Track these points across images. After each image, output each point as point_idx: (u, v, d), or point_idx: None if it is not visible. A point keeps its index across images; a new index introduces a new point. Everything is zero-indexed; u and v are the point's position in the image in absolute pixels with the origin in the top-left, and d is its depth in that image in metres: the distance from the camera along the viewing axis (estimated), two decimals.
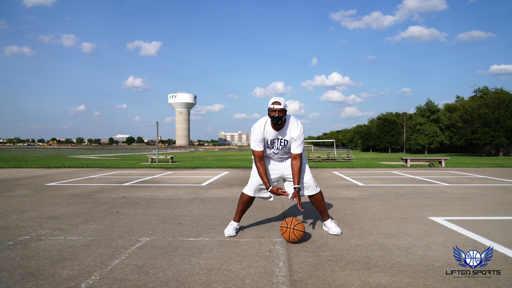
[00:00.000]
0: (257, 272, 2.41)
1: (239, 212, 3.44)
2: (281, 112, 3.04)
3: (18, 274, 2.39)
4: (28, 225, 3.81)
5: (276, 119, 3.04)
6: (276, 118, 3.04)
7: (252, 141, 3.23)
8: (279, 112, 3.03)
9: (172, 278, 2.32)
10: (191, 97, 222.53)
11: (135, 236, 3.32)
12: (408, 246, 3.00)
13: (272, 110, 3.04)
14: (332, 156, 23.61)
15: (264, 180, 3.16)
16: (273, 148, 3.26)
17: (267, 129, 3.17)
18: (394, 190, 6.61)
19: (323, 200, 3.44)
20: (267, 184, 3.15)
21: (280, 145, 3.23)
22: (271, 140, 3.21)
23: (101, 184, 7.72)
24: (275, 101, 3.04)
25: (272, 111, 3.04)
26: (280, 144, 3.23)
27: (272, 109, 3.04)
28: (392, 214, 4.37)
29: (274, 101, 3.04)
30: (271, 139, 3.20)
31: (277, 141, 3.21)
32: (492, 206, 4.90)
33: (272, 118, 3.06)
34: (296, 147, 3.20)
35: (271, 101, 3.06)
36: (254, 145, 3.21)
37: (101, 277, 2.32)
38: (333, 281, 2.27)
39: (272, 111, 3.04)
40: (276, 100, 3.04)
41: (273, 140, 3.21)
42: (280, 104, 3.03)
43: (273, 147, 3.26)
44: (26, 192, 6.42)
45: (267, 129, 3.17)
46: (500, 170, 12.06)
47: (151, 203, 5.22)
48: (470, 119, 40.15)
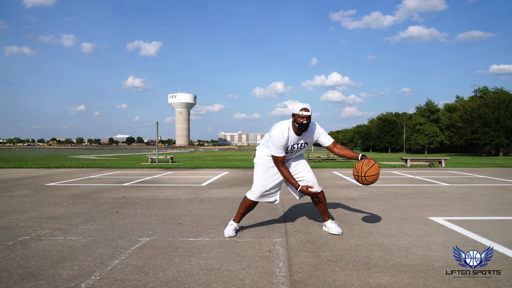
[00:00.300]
0: (257, 272, 2.41)
1: (240, 214, 3.43)
2: (309, 119, 3.06)
3: (18, 274, 2.39)
4: (28, 225, 3.81)
5: (305, 125, 3.05)
6: (305, 125, 3.05)
7: (274, 147, 3.12)
8: (307, 118, 3.04)
9: (172, 278, 2.32)
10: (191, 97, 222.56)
11: (135, 236, 3.32)
12: (408, 246, 3.00)
13: (300, 116, 3.03)
14: (332, 156, 23.61)
15: (292, 181, 3.17)
16: (292, 152, 3.27)
17: (290, 135, 3.15)
18: (394, 190, 6.61)
19: (325, 200, 3.44)
20: (297, 184, 3.17)
21: (299, 149, 3.26)
22: (292, 146, 3.20)
23: (101, 184, 7.72)
24: (304, 107, 3.03)
25: (301, 117, 3.03)
26: (299, 147, 3.25)
27: (300, 115, 3.03)
28: (392, 214, 4.37)
29: (303, 108, 3.02)
30: (292, 144, 3.19)
31: (297, 145, 3.22)
32: (492, 206, 4.90)
33: (300, 125, 3.05)
34: (326, 140, 3.26)
35: (299, 108, 3.04)
36: (276, 151, 3.12)
37: (101, 277, 2.32)
38: (333, 281, 2.27)
39: (301, 117, 3.03)
40: (304, 106, 3.03)
41: (293, 146, 3.21)
42: (309, 110, 3.04)
43: (292, 151, 3.26)
44: (26, 192, 6.41)
45: (290, 135, 3.15)
46: (500, 170, 12.06)
47: (151, 203, 5.22)
48: (470, 119, 40.15)
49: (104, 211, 4.56)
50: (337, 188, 6.99)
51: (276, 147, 3.11)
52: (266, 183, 3.30)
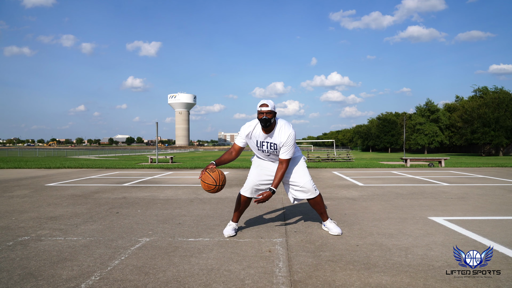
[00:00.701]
0: (257, 273, 2.41)
1: (237, 212, 3.45)
2: (269, 114, 3.04)
3: (18, 274, 2.39)
4: (28, 225, 3.81)
5: (264, 121, 3.05)
6: (264, 120, 3.04)
7: (237, 136, 3.30)
8: (267, 114, 3.04)
9: (172, 278, 2.32)
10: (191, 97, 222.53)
11: (135, 237, 3.32)
12: (408, 246, 3.00)
13: (260, 112, 3.05)
14: (332, 156, 23.61)
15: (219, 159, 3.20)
16: (263, 150, 3.28)
17: (257, 131, 3.19)
18: (394, 190, 6.62)
19: (322, 202, 3.44)
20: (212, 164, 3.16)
21: (269, 148, 3.24)
22: (260, 142, 3.23)
23: (101, 184, 7.72)
24: (263, 103, 3.05)
25: (260, 113, 3.05)
26: (269, 147, 3.23)
27: (260, 111, 3.05)
28: (392, 214, 4.37)
29: (262, 103, 3.05)
30: (260, 140, 3.22)
31: (266, 144, 3.22)
32: (492, 206, 4.90)
33: (260, 121, 3.07)
34: (283, 153, 3.17)
35: (259, 104, 3.08)
36: (237, 139, 3.29)
37: (101, 278, 2.32)
38: (333, 281, 2.27)
39: (260, 113, 3.05)
40: (264, 102, 3.05)
41: (262, 142, 3.22)
42: (268, 106, 3.03)
43: (262, 150, 3.28)
44: (26, 192, 6.41)
45: (257, 131, 3.19)
46: (500, 169, 12.06)
47: (151, 203, 5.21)
48: (469, 119, 40.16)
49: (104, 212, 4.56)
50: (337, 188, 6.98)
51: (239, 135, 3.27)
52: (256, 178, 3.35)
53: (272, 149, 3.23)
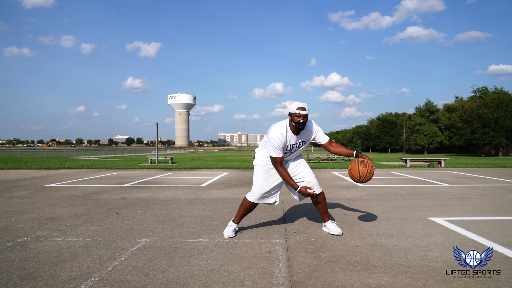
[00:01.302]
0: (257, 273, 2.41)
1: (240, 215, 3.43)
2: (306, 118, 3.06)
3: (17, 275, 2.38)
4: (28, 226, 3.80)
5: (301, 124, 3.05)
6: (302, 124, 3.05)
7: (272, 148, 3.12)
8: (304, 117, 3.04)
9: (171, 279, 2.32)
10: (191, 97, 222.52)
11: (135, 237, 3.32)
12: (408, 246, 3.00)
13: (297, 115, 3.03)
14: (331, 156, 23.61)
15: (291, 182, 3.17)
16: (291, 152, 3.26)
17: (289, 135, 3.15)
18: (393, 190, 6.61)
19: (325, 200, 3.44)
20: (295, 185, 3.16)
21: (298, 148, 3.26)
22: (291, 146, 3.20)
23: (100, 185, 7.72)
24: (301, 106, 3.03)
25: (298, 116, 3.03)
26: (298, 147, 3.25)
27: (297, 114, 3.03)
28: (392, 214, 4.37)
29: (300, 107, 3.03)
30: (291, 144, 3.19)
31: (296, 145, 3.22)
32: (491, 206, 4.90)
33: (297, 124, 3.05)
34: (322, 138, 3.29)
35: (295, 107, 3.04)
36: (275, 152, 3.12)
37: (100, 279, 2.32)
38: (333, 282, 2.27)
39: (298, 116, 3.03)
40: (301, 105, 3.04)
41: (292, 145, 3.21)
42: (305, 109, 3.04)
43: (290, 151, 3.25)
44: (25, 193, 6.41)
45: (289, 135, 3.15)
46: (499, 170, 12.06)
47: (151, 204, 5.21)
48: (469, 119, 40.15)
49: (103, 212, 4.56)
50: (336, 188, 6.98)
51: (275, 147, 3.11)
52: (265, 185, 3.31)
53: (301, 147, 3.29)
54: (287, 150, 3.21)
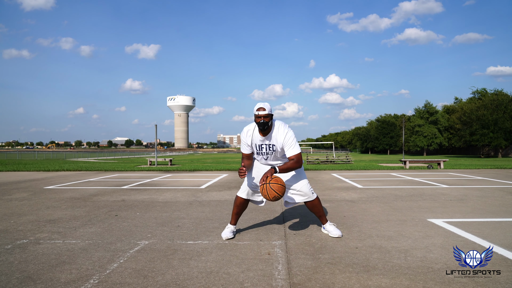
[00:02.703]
0: (256, 275, 2.41)
1: (235, 215, 3.45)
2: (266, 118, 3.05)
3: (16, 278, 2.38)
4: (27, 228, 3.80)
5: (261, 124, 3.06)
6: (262, 124, 3.06)
7: (241, 144, 3.36)
8: (264, 118, 3.05)
9: (171, 281, 2.31)
10: (190, 99, 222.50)
11: (134, 240, 3.31)
12: (407, 248, 3.00)
13: (257, 116, 3.06)
14: (331, 158, 23.61)
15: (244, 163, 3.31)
16: (262, 153, 3.27)
17: (255, 134, 3.20)
18: (393, 192, 6.62)
19: (320, 205, 3.43)
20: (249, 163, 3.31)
21: (268, 150, 3.24)
22: (259, 145, 3.23)
23: (99, 187, 7.71)
24: (260, 107, 3.06)
25: (258, 117, 3.06)
26: (268, 149, 3.23)
27: (257, 115, 3.06)
28: (391, 216, 4.36)
29: (259, 107, 3.06)
30: (258, 144, 3.22)
31: (265, 146, 3.22)
32: (491, 207, 4.90)
33: (258, 124, 3.08)
34: (288, 150, 3.15)
35: (255, 107, 3.08)
36: (242, 147, 3.34)
37: (99, 281, 2.31)
38: (332, 284, 2.27)
39: (258, 117, 3.06)
40: (261, 106, 3.06)
41: (260, 145, 3.23)
42: (265, 110, 3.04)
43: (261, 152, 3.27)
44: (24, 195, 6.40)
45: (255, 134, 3.20)
46: (499, 171, 12.07)
47: (150, 206, 5.21)
48: (468, 121, 40.18)
49: (103, 214, 4.55)
50: (336, 190, 6.98)
51: (241, 143, 3.34)
52: (252, 179, 3.36)
53: (271, 150, 3.23)
54: (257, 150, 3.26)
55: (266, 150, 3.24)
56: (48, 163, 20.21)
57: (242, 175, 3.09)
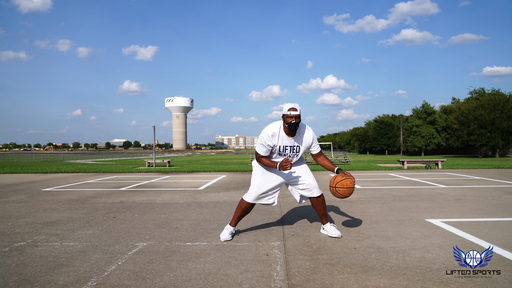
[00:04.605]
0: (255, 277, 2.40)
1: (237, 217, 3.42)
2: (298, 118, 3.04)
3: (14, 281, 2.37)
4: (24, 231, 3.78)
5: (294, 125, 3.04)
6: (294, 125, 3.03)
7: (259, 144, 3.18)
8: (296, 118, 3.03)
9: (169, 283, 2.31)
10: (188, 101, 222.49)
11: (132, 241, 3.31)
12: (405, 248, 3.00)
13: (289, 116, 3.02)
14: (330, 158, 23.65)
15: (269, 163, 3.17)
16: (284, 154, 3.23)
17: (281, 136, 3.14)
18: (391, 192, 6.63)
19: (324, 203, 3.44)
20: (274, 164, 3.14)
21: (292, 152, 3.22)
22: (284, 147, 3.17)
23: (97, 189, 7.69)
24: (292, 107, 3.03)
25: (289, 117, 3.03)
26: (292, 151, 3.21)
27: (289, 115, 3.02)
28: (390, 216, 4.37)
29: (291, 107, 3.03)
30: (283, 145, 3.17)
31: (289, 148, 3.19)
32: (489, 207, 4.92)
33: (289, 125, 3.04)
34: (315, 148, 3.30)
35: (287, 107, 3.04)
36: (260, 148, 3.18)
37: (97, 283, 2.30)
38: (330, 284, 2.27)
39: (289, 117, 3.03)
40: (293, 106, 3.03)
41: (285, 147, 3.18)
42: (297, 110, 3.03)
43: (284, 154, 3.22)
44: (22, 197, 6.38)
45: (281, 136, 3.14)
46: (496, 171, 12.11)
47: (148, 207, 5.20)
48: (466, 121, 40.29)
49: (101, 216, 4.54)
50: None
51: (260, 143, 3.16)
52: (262, 185, 3.31)
53: (294, 152, 3.22)
54: (280, 151, 3.20)
55: (290, 151, 3.21)
56: (46, 165, 20.15)
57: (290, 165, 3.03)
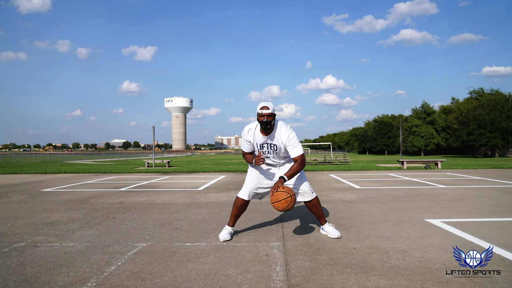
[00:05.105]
0: (254, 277, 2.40)
1: (233, 217, 3.44)
2: (270, 117, 3.06)
3: (13, 281, 2.37)
4: (24, 231, 3.78)
5: (264, 123, 3.07)
6: (265, 123, 3.06)
7: (242, 142, 3.37)
8: (268, 116, 3.06)
9: (168, 283, 2.31)
10: (187, 101, 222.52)
11: (132, 242, 3.30)
12: (405, 248, 3.00)
13: (260, 115, 3.07)
14: (328, 159, 23.64)
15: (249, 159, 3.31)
16: (263, 152, 3.28)
17: (256, 133, 3.21)
18: (390, 192, 6.63)
19: (319, 205, 3.44)
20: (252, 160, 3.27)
21: (269, 149, 3.24)
22: (260, 145, 3.24)
23: (97, 189, 7.69)
24: (264, 106, 3.08)
25: (261, 116, 3.07)
26: (269, 148, 3.24)
27: (260, 114, 3.07)
28: (389, 216, 4.37)
29: (263, 106, 3.08)
30: (260, 143, 3.23)
31: (266, 145, 3.23)
32: (488, 207, 4.92)
33: (261, 123, 3.09)
34: (291, 150, 3.15)
35: (259, 106, 3.10)
36: (243, 145, 3.37)
37: (97, 284, 2.30)
38: (330, 285, 2.27)
39: (261, 116, 3.07)
40: (264, 105, 3.08)
41: (262, 145, 3.24)
42: (269, 108, 3.06)
43: (262, 151, 3.28)
44: (21, 198, 6.37)
45: (256, 133, 3.21)
46: (496, 171, 12.12)
47: (148, 208, 5.19)
48: (465, 121, 40.32)
49: (100, 217, 4.54)
50: (334, 191, 6.99)
51: (242, 141, 3.33)
52: (254, 181, 3.36)
53: (272, 150, 3.24)
54: (259, 149, 3.27)
55: (267, 149, 3.25)
56: (45, 165, 20.14)
57: (261, 161, 3.09)
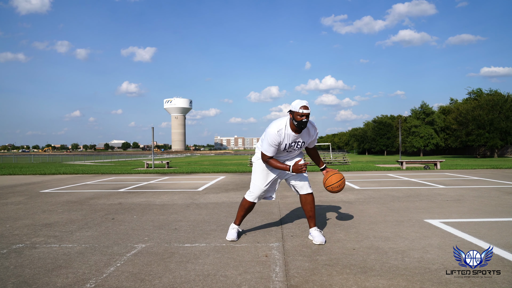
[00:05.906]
0: (254, 278, 2.40)
1: (241, 217, 3.42)
2: (308, 117, 3.01)
3: (12, 283, 2.36)
4: (22, 233, 3.77)
5: (304, 123, 2.99)
6: (305, 123, 2.99)
7: (265, 145, 3.09)
8: (307, 116, 2.99)
9: (168, 284, 2.30)
10: (187, 102, 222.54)
11: (131, 243, 3.30)
12: (404, 249, 3.01)
13: (300, 114, 2.96)
14: (328, 159, 23.66)
15: (282, 166, 3.12)
16: (290, 151, 3.21)
17: (287, 133, 3.08)
18: (390, 193, 6.63)
19: (313, 204, 3.34)
20: (287, 167, 3.10)
21: (297, 147, 3.22)
22: (289, 144, 3.14)
23: (96, 190, 7.68)
24: (304, 105, 2.95)
25: (300, 115, 2.96)
26: (297, 146, 3.20)
27: (300, 113, 2.95)
28: (388, 217, 4.37)
29: (303, 105, 2.95)
30: (289, 142, 3.13)
31: (295, 143, 3.17)
32: (487, 208, 4.92)
33: (299, 123, 2.98)
34: (313, 143, 3.36)
35: (298, 105, 2.95)
36: (268, 149, 3.09)
37: (96, 285, 2.30)
38: (329, 285, 2.26)
39: (300, 115, 2.96)
40: (304, 104, 2.96)
41: (291, 144, 3.15)
42: (308, 108, 2.98)
43: (289, 150, 3.20)
44: (20, 199, 6.36)
45: (287, 133, 3.08)
46: (495, 171, 12.13)
47: (147, 209, 5.19)
48: (464, 121, 40.37)
49: (99, 218, 4.53)
50: None
51: (269, 144, 3.06)
52: (262, 183, 3.30)
53: (299, 146, 3.23)
54: (285, 148, 3.16)
55: (295, 147, 3.20)
56: (44, 166, 20.11)
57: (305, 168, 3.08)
